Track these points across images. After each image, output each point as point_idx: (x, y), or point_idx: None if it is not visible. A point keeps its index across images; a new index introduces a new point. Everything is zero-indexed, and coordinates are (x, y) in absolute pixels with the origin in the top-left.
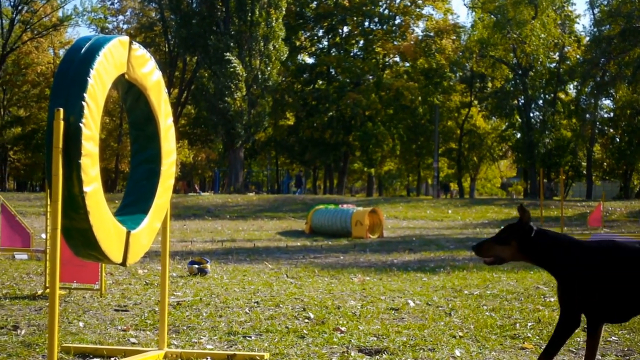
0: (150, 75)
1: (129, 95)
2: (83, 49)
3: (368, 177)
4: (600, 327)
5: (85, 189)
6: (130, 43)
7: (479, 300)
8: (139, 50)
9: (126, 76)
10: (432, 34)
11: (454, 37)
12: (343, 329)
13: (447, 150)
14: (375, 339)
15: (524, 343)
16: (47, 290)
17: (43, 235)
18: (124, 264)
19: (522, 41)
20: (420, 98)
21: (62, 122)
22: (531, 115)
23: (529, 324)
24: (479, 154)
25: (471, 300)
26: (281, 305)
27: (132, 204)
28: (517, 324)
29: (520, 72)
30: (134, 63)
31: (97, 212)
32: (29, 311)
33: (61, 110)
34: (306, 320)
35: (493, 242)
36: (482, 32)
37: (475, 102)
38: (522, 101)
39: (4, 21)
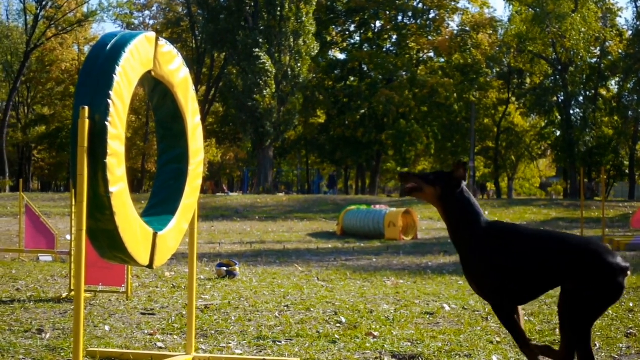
0: (177, 72)
1: (155, 93)
2: (109, 46)
3: None
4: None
5: (111, 189)
6: (157, 39)
7: None
8: (166, 47)
9: (152, 73)
10: (467, 28)
11: (491, 32)
12: (376, 333)
13: (484, 149)
14: (409, 344)
15: None
16: (72, 293)
17: (68, 237)
18: (150, 266)
19: (561, 35)
20: (455, 95)
21: (87, 121)
22: (571, 112)
23: None
24: (517, 152)
25: None
26: (312, 309)
27: (158, 205)
28: (557, 329)
29: (559, 67)
30: (160, 60)
31: (123, 213)
32: (53, 314)
33: (86, 108)
34: (338, 325)
35: (420, 177)
36: (520, 26)
37: (513, 99)
38: (562, 98)
39: (28, 17)
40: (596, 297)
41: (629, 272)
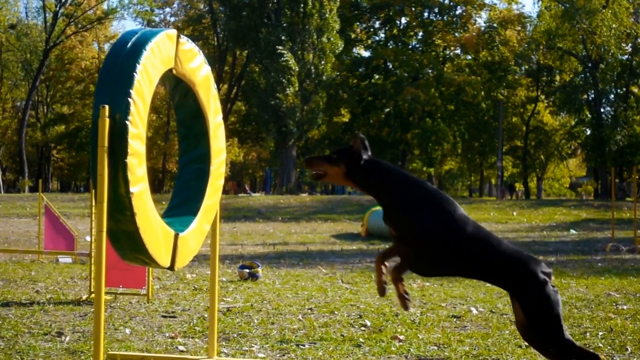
0: (198, 70)
1: (176, 92)
2: (129, 43)
3: (428, 177)
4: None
5: (131, 189)
6: (178, 37)
7: None
8: (187, 44)
9: (174, 71)
10: (495, 24)
11: (519, 28)
12: (401, 337)
13: (512, 148)
14: (435, 348)
15: None
16: (92, 295)
17: (88, 238)
18: (171, 268)
19: (592, 32)
20: (483, 93)
21: (107, 120)
22: (602, 110)
23: (600, 333)
24: (546, 152)
25: None
26: (336, 312)
27: (180, 205)
28: (587, 333)
29: (590, 64)
30: (181, 57)
31: (144, 214)
32: (73, 317)
33: (107, 107)
34: (362, 328)
35: (324, 160)
36: (550, 22)
37: (542, 96)
38: (592, 96)
39: (47, 15)
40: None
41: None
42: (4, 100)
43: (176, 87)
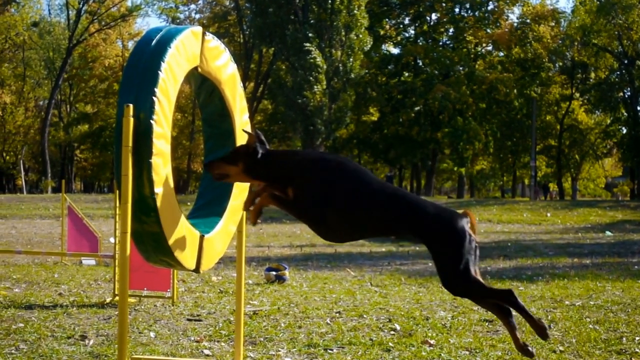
0: (224, 68)
1: (202, 90)
2: (154, 41)
3: (458, 177)
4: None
5: (156, 190)
6: (203, 34)
7: (582, 311)
8: (213, 42)
9: (199, 69)
10: (528, 20)
11: (553, 24)
12: (432, 342)
13: (546, 148)
14: (467, 353)
15: (631, 359)
16: (116, 298)
17: (112, 240)
18: (197, 270)
19: (628, 27)
20: (515, 91)
21: (132, 119)
22: (638, 108)
23: (637, 338)
24: (581, 151)
25: (573, 311)
26: (365, 316)
27: (205, 206)
28: (624, 338)
29: (626, 61)
30: (207, 55)
31: (168, 215)
32: (97, 320)
33: (131, 106)
34: (392, 332)
35: (222, 161)
36: (584, 18)
37: (577, 94)
38: (629, 93)
39: (70, 12)
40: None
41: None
42: (26, 100)
43: (201, 86)
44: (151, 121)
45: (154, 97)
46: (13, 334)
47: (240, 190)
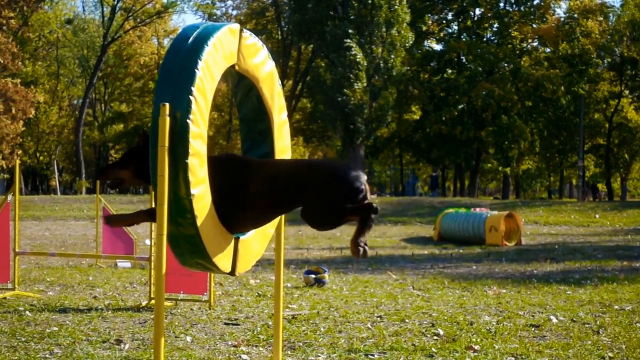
0: (262, 66)
1: (239, 89)
2: (190, 38)
3: (503, 178)
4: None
5: (192, 191)
6: (241, 31)
7: (632, 316)
8: (250, 39)
9: (236, 67)
10: (576, 15)
11: (601, 19)
12: (476, 347)
13: (594, 147)
14: (512, 359)
15: None
16: (152, 301)
17: (147, 242)
18: (232, 273)
19: None
20: (562, 88)
21: (168, 118)
22: None
23: None
24: (631, 150)
25: (622, 316)
26: (407, 320)
27: None
28: None
29: None
30: (244, 53)
31: (205, 217)
32: (132, 324)
33: (167, 105)
34: (435, 337)
35: (114, 166)
36: (634, 12)
37: (626, 91)
38: None
39: (104, 9)
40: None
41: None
42: (60, 99)
43: (239, 84)
44: (188, 120)
45: (190, 96)
46: (47, 337)
47: None
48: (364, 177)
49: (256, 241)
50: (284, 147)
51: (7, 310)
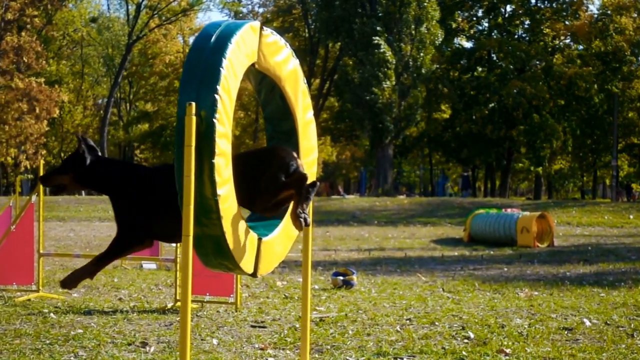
0: (284, 64)
1: (262, 87)
2: (213, 37)
3: (535, 178)
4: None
5: (218, 191)
6: (261, 28)
7: None
8: (271, 37)
9: (256, 66)
10: (609, 11)
11: (635, 15)
12: (508, 350)
13: (628, 146)
14: None
15: None
16: (178, 303)
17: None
18: (254, 274)
19: None
20: (596, 86)
21: (194, 118)
22: None
23: None
24: None
25: None
26: (437, 323)
27: None
28: None
29: None
30: (265, 51)
31: (230, 218)
32: (158, 326)
33: (193, 104)
34: (465, 341)
35: (56, 172)
36: None
37: None
38: None
39: (129, 7)
40: None
41: None
42: (85, 98)
43: (261, 83)
44: (214, 120)
45: (216, 95)
46: (72, 340)
47: None
48: (293, 154)
49: (279, 242)
50: (309, 146)
51: (31, 312)
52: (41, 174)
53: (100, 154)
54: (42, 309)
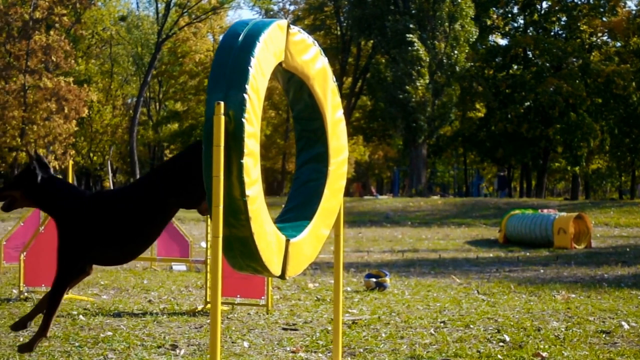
0: (312, 62)
1: (290, 86)
2: (241, 35)
3: (572, 177)
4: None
5: (247, 192)
6: (288, 27)
7: None
8: (298, 35)
9: (283, 65)
10: None
11: None
12: (544, 354)
13: None
14: None
15: None
16: (208, 305)
17: (203, 244)
18: (282, 276)
19: None
20: (634, 84)
21: (222, 117)
22: None
23: None
24: None
25: None
26: (471, 326)
27: (295, 209)
28: None
29: None
30: (292, 50)
31: (258, 219)
32: (188, 329)
33: (222, 103)
34: (501, 344)
35: (6, 187)
36: None
37: None
38: None
39: (159, 5)
40: None
41: None
42: (114, 97)
43: (289, 82)
44: (243, 119)
45: (244, 95)
46: (101, 342)
47: (332, 192)
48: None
49: (308, 244)
50: (339, 146)
51: (60, 314)
52: (70, 174)
53: (52, 172)
54: (71, 311)
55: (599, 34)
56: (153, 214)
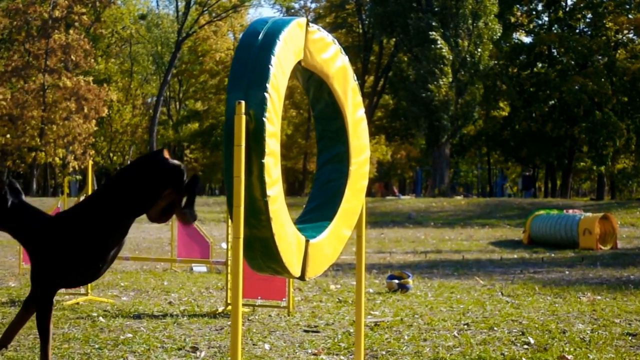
0: (332, 61)
1: (310, 85)
2: (261, 34)
3: (598, 177)
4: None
5: (268, 192)
6: (307, 25)
7: None
8: (317, 33)
9: (302, 63)
10: None
11: None
12: (570, 357)
13: None
14: None
15: None
16: (229, 307)
17: (223, 245)
18: (302, 277)
19: None
20: None
21: (244, 117)
22: None
23: None
24: None
25: None
26: (495, 328)
27: (315, 209)
28: None
29: None
30: (311, 48)
31: (279, 219)
32: (208, 331)
33: (243, 102)
34: (525, 346)
35: None
36: None
37: None
38: None
39: (179, 3)
40: None
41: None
42: (134, 97)
43: (309, 81)
44: (263, 119)
45: (265, 94)
46: (121, 344)
47: (353, 192)
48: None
49: (328, 244)
50: (360, 145)
51: (80, 316)
52: (90, 174)
53: (24, 198)
54: (91, 312)
55: (625, 31)
56: (109, 230)
